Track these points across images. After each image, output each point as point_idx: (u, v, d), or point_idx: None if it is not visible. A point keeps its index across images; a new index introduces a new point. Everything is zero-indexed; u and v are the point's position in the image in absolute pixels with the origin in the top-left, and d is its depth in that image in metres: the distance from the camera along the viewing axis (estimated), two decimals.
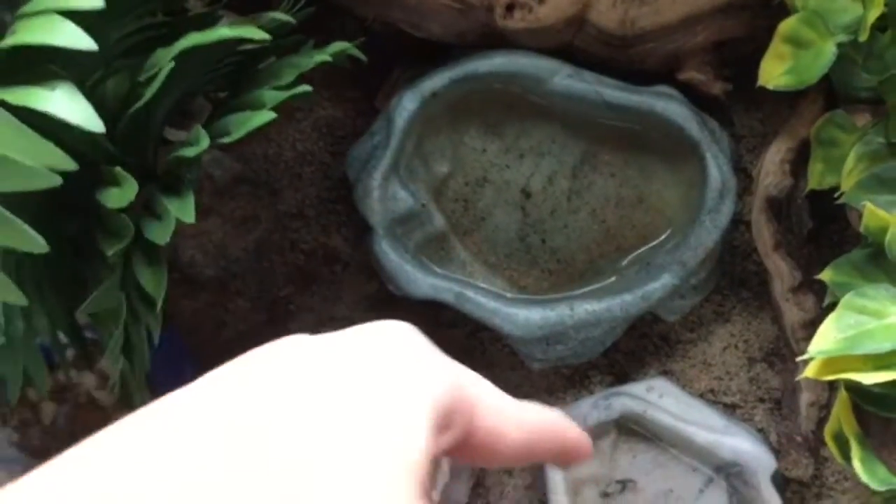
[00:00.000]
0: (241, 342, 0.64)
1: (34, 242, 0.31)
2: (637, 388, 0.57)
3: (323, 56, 0.42)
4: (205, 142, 0.38)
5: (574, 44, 0.55)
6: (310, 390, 0.23)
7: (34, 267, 0.39)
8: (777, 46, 0.48)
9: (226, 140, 0.39)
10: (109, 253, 0.35)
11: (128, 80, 0.43)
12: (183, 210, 0.37)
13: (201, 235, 0.58)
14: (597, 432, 0.57)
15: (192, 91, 0.50)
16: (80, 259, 0.40)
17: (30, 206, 0.36)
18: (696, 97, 0.56)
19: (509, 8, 0.53)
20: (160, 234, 0.37)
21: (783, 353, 0.57)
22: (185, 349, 0.61)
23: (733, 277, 0.59)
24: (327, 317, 0.62)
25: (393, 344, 0.26)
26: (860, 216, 0.46)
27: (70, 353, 0.55)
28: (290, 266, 0.62)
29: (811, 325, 0.53)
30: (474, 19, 0.55)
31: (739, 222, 0.57)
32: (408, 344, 0.26)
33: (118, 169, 0.36)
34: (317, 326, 0.61)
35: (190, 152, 0.38)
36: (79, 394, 0.52)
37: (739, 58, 0.54)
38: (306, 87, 0.41)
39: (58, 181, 0.31)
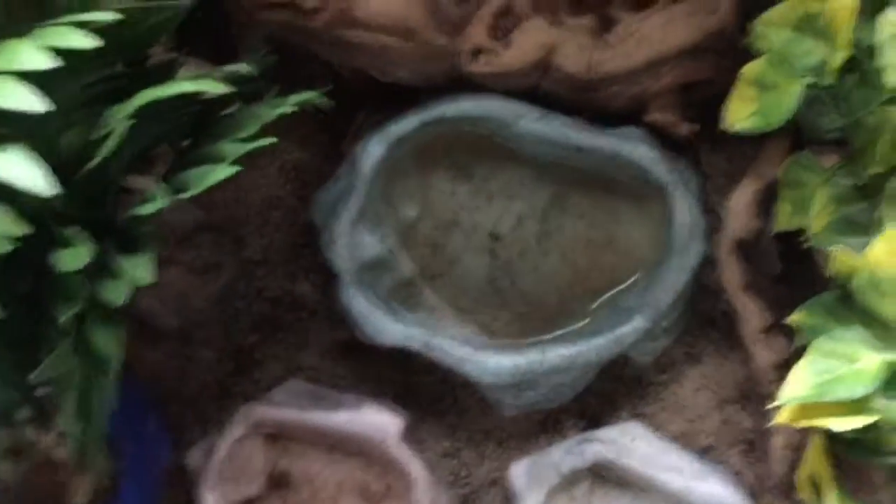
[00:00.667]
0: (206, 393, 0.63)
1: None
2: (610, 433, 0.56)
3: (285, 107, 0.42)
4: (163, 200, 0.37)
5: (541, 87, 0.55)
6: None
7: None
8: (742, 89, 0.48)
9: (185, 196, 0.38)
10: (61, 318, 0.34)
11: (86, 132, 0.42)
12: (140, 269, 0.36)
13: (161, 286, 0.56)
14: (571, 479, 0.56)
15: (155, 139, 0.48)
16: (32, 320, 0.39)
17: None
18: (663, 138, 0.56)
19: (475, 53, 0.53)
20: (116, 295, 0.36)
21: (755, 394, 0.57)
22: (147, 401, 0.59)
23: (704, 318, 0.59)
24: (294, 366, 0.61)
25: None
26: (828, 259, 0.46)
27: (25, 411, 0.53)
28: (256, 314, 0.61)
29: (782, 367, 0.52)
30: (441, 64, 0.54)
31: (709, 262, 0.57)
32: None
33: (71, 230, 0.35)
34: (284, 376, 0.60)
35: (148, 209, 0.37)
36: (35, 452, 0.51)
37: (705, 99, 0.54)
38: (270, 139, 0.41)
39: (7, 248, 0.30)
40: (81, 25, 0.35)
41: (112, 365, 0.37)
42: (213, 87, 0.38)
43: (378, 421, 0.55)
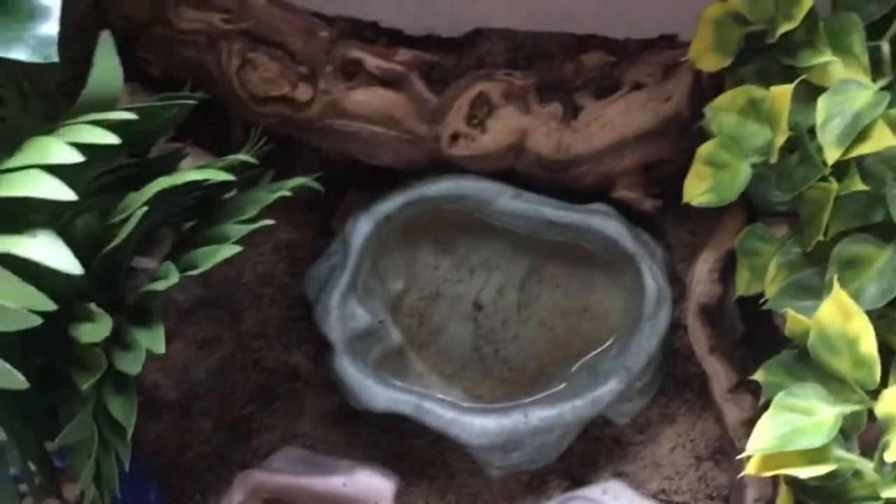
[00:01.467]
0: (204, 462, 0.65)
1: (15, 380, 0.33)
2: (592, 491, 0.59)
3: (283, 191, 0.46)
4: (174, 276, 0.40)
5: (516, 167, 0.60)
6: None
7: (8, 401, 0.40)
8: (698, 168, 0.53)
9: (194, 272, 0.42)
10: (83, 386, 0.37)
11: (97, 218, 0.45)
12: (153, 341, 0.40)
13: (165, 359, 0.59)
14: None
15: (160, 223, 0.52)
16: (51, 391, 0.42)
17: (4, 342, 0.38)
18: (629, 213, 0.60)
19: (454, 137, 0.58)
20: (131, 365, 0.39)
21: (727, 450, 0.60)
22: (148, 473, 0.61)
23: (677, 379, 0.62)
24: (290, 434, 0.63)
25: None
26: (785, 320, 0.49)
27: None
28: (253, 385, 0.63)
29: (750, 424, 0.55)
30: (423, 148, 0.59)
31: (679, 326, 0.61)
32: None
33: (93, 306, 0.39)
34: (280, 444, 0.63)
35: (160, 286, 0.40)
36: None
37: (666, 176, 0.59)
38: (269, 221, 0.45)
39: (37, 321, 0.33)
40: (99, 123, 0.39)
41: (126, 431, 0.40)
42: (218, 176, 0.42)
43: (371, 484, 0.57)
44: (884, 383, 0.46)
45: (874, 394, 0.46)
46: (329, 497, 0.58)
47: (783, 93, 0.48)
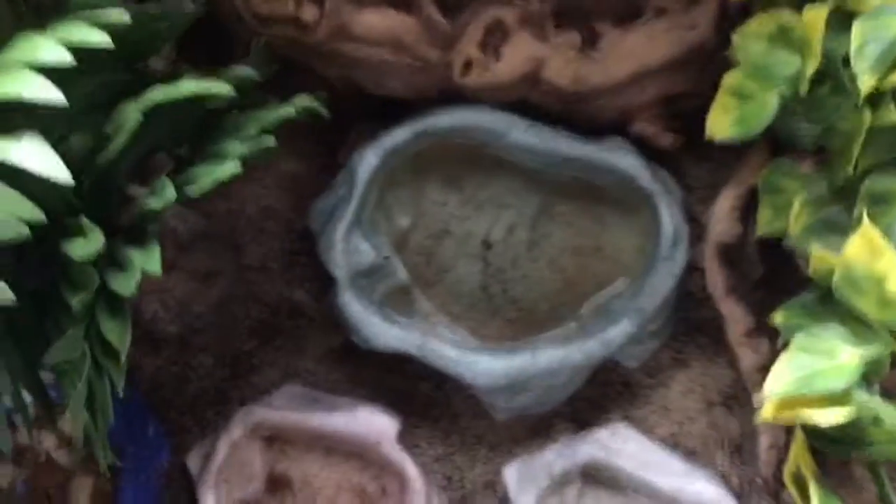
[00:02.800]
0: (204, 398, 0.64)
1: (2, 295, 0.31)
2: (600, 435, 0.58)
3: (287, 109, 0.44)
4: (170, 193, 0.38)
5: (530, 99, 0.57)
6: None
7: None
8: (723, 99, 0.50)
9: (191, 192, 0.40)
10: (74, 303, 0.35)
11: (90, 136, 0.43)
12: (149, 261, 0.38)
13: (164, 291, 0.58)
14: (562, 481, 0.57)
15: (155, 147, 0.50)
16: (42, 312, 0.40)
17: None
18: (647, 149, 0.58)
19: (467, 65, 0.55)
20: (125, 286, 0.37)
21: (741, 397, 0.58)
22: (146, 407, 0.60)
23: (690, 323, 0.60)
24: (291, 371, 0.62)
25: None
26: (808, 260, 0.48)
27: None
28: (254, 320, 0.62)
29: (766, 369, 0.53)
30: (433, 76, 0.56)
31: (694, 269, 0.59)
32: None
33: (84, 220, 0.37)
34: (281, 381, 0.61)
35: (156, 203, 0.38)
36: (38, 454, 0.52)
37: (688, 111, 0.56)
38: (272, 141, 0.42)
39: (26, 232, 0.31)
40: (91, 23, 0.36)
41: (120, 355, 0.38)
42: (218, 88, 0.40)
43: (374, 423, 0.56)
44: None
45: None
46: (330, 436, 0.57)
47: (817, 16, 0.46)
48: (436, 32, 0.55)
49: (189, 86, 0.39)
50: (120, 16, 0.36)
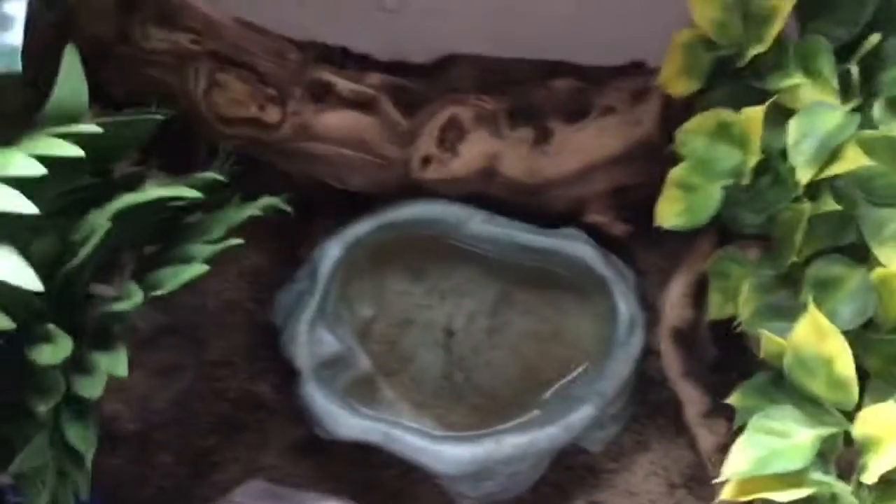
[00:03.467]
0: (164, 498, 0.63)
1: None
2: None
3: (252, 210, 0.45)
4: (138, 296, 0.39)
5: (487, 192, 0.60)
6: None
7: None
8: (670, 191, 0.53)
9: (158, 293, 0.40)
10: (41, 409, 0.35)
11: (56, 240, 0.44)
12: (114, 364, 0.38)
13: (124, 389, 0.57)
14: None
15: (120, 246, 0.51)
16: (6, 422, 0.40)
17: None
18: (601, 238, 0.60)
19: (425, 161, 0.58)
20: (91, 389, 0.37)
21: (701, 477, 0.59)
22: None
23: (649, 406, 0.62)
24: (254, 466, 0.61)
25: None
26: (759, 343, 0.49)
27: None
28: (215, 415, 0.62)
29: (724, 449, 0.55)
30: (393, 172, 0.58)
31: (651, 352, 0.60)
32: None
33: (52, 326, 0.37)
34: (244, 477, 0.61)
35: (123, 306, 0.39)
36: None
37: (638, 201, 0.58)
38: (237, 241, 0.43)
39: None
40: (63, 136, 0.37)
41: (85, 460, 0.38)
42: (186, 193, 0.41)
43: None
44: (860, 405, 0.46)
45: (850, 415, 0.45)
46: None
47: (756, 114, 0.49)
48: (395, 131, 0.57)
49: (158, 192, 0.40)
50: (92, 128, 0.37)
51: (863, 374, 0.46)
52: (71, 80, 0.40)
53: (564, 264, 0.59)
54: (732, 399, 0.50)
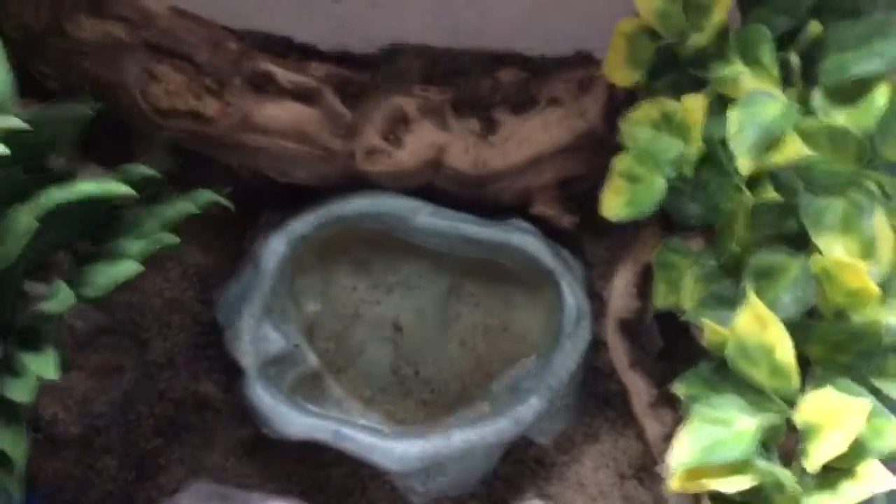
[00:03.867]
0: (108, 501, 0.62)
1: None
2: None
3: (188, 206, 0.43)
4: (68, 297, 0.37)
5: (434, 184, 0.59)
6: None
7: None
8: (614, 182, 0.53)
9: (90, 294, 0.39)
10: None
11: None
12: (44, 367, 0.37)
13: (63, 391, 0.56)
14: None
15: (54, 244, 0.49)
16: None
17: None
18: (548, 229, 0.60)
19: (370, 153, 0.57)
20: (21, 392, 0.36)
21: (650, 467, 0.60)
22: None
23: (598, 397, 0.62)
24: (199, 467, 0.60)
25: None
26: (703, 332, 0.50)
27: None
28: (159, 417, 0.60)
29: (671, 438, 0.55)
30: (338, 164, 0.57)
31: (599, 344, 0.60)
32: None
33: None
34: (188, 478, 0.59)
35: (52, 308, 0.37)
36: None
37: (583, 192, 0.58)
38: (174, 238, 0.42)
39: None
40: None
41: (17, 467, 0.36)
42: (116, 189, 0.40)
43: None
44: (801, 392, 0.46)
45: (792, 403, 0.46)
46: None
47: (695, 104, 0.49)
48: (338, 122, 0.56)
49: (86, 187, 0.39)
50: (17, 123, 0.36)
51: (804, 362, 0.47)
52: None
53: (512, 257, 0.59)
54: (676, 388, 0.51)
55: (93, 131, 0.50)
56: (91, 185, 0.39)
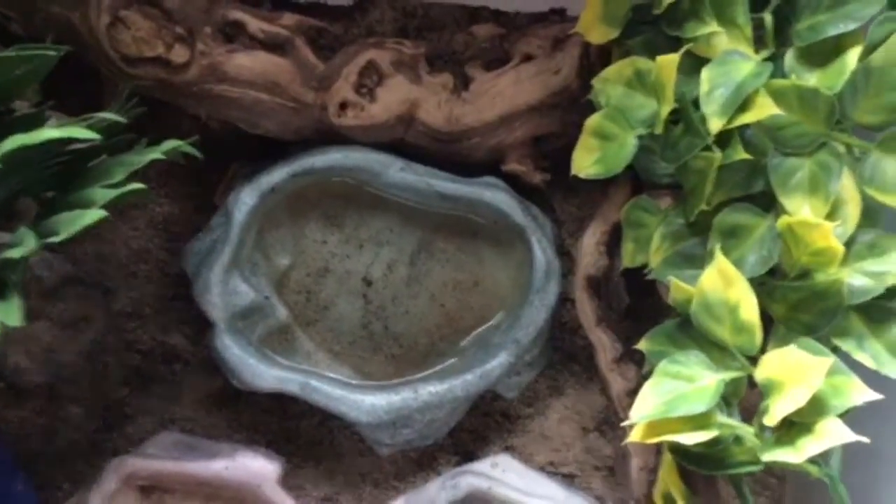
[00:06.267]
0: (75, 450, 0.62)
1: None
2: (481, 465, 0.59)
3: (154, 154, 0.43)
4: (31, 242, 0.37)
5: (406, 139, 0.59)
6: None
7: None
8: (586, 140, 0.53)
9: (54, 240, 0.38)
10: None
11: None
12: (7, 313, 0.36)
13: (28, 340, 0.55)
14: None
15: (18, 191, 0.48)
16: None
17: None
18: (519, 186, 0.60)
19: (342, 106, 0.56)
20: None
21: (613, 421, 0.61)
22: (12, 463, 0.57)
23: (564, 353, 0.62)
24: (167, 418, 0.60)
25: None
26: (668, 290, 0.50)
27: None
28: (126, 367, 0.60)
29: (635, 394, 0.56)
30: (309, 117, 0.57)
31: (566, 300, 0.61)
32: None
33: None
34: (157, 429, 0.60)
35: (15, 253, 0.37)
36: None
37: (555, 150, 0.58)
38: (139, 185, 0.42)
39: None
40: None
41: None
42: (81, 134, 0.39)
43: (254, 467, 0.55)
44: (763, 350, 0.47)
45: (754, 360, 0.47)
46: (209, 482, 0.55)
47: (669, 62, 0.49)
48: (310, 74, 0.56)
49: (49, 133, 0.38)
50: None
51: (767, 320, 0.47)
52: None
53: (483, 213, 0.59)
54: (641, 345, 0.51)
55: (59, 77, 0.49)
56: (55, 130, 0.39)
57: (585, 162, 0.52)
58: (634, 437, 0.47)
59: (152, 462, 0.55)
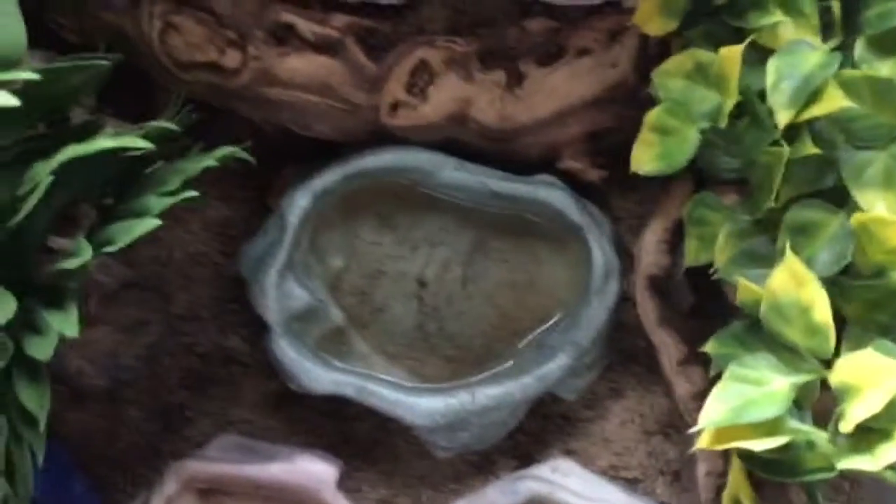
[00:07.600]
0: (135, 453, 0.63)
1: None
2: (541, 469, 0.58)
3: (209, 161, 0.43)
4: (87, 253, 0.37)
5: (458, 138, 0.58)
6: None
7: None
8: (645, 135, 0.51)
9: (110, 249, 0.39)
10: None
11: (7, 193, 0.42)
12: (66, 323, 0.36)
13: (89, 345, 0.56)
14: None
15: (76, 198, 0.49)
16: None
17: None
18: (576, 184, 0.58)
19: (394, 107, 0.55)
20: (41, 350, 0.36)
21: (678, 425, 0.59)
22: (73, 466, 0.58)
23: (625, 354, 0.61)
24: (226, 420, 0.61)
25: None
26: (735, 290, 0.48)
27: None
28: (185, 370, 0.61)
29: (701, 397, 0.54)
30: (361, 118, 0.56)
31: (626, 300, 0.60)
32: None
33: None
34: (215, 432, 0.60)
35: (72, 264, 0.37)
36: None
37: (613, 146, 0.57)
38: (193, 193, 0.42)
39: None
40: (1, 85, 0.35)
41: (39, 422, 0.36)
42: (134, 143, 0.39)
43: (313, 470, 0.55)
44: (837, 352, 0.45)
45: (828, 363, 0.45)
46: (269, 485, 0.55)
47: (733, 54, 0.47)
48: (361, 75, 0.55)
49: (103, 143, 0.38)
50: (29, 74, 0.35)
51: (840, 321, 0.45)
52: (5, 22, 0.37)
53: (538, 212, 0.58)
54: (708, 347, 0.50)
55: (114, 84, 0.49)
56: (108, 140, 0.39)
57: (645, 158, 0.51)
58: (702, 443, 0.46)
59: (212, 465, 0.55)
